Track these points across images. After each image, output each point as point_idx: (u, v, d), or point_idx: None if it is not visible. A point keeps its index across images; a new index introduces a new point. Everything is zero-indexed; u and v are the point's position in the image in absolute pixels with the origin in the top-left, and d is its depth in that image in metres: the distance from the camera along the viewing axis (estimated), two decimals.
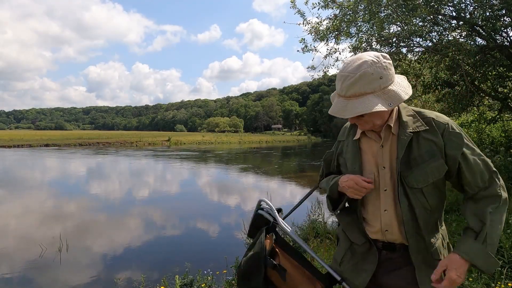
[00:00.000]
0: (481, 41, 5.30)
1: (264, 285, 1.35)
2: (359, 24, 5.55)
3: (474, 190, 1.16)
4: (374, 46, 5.67)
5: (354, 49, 5.81)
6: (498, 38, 5.15)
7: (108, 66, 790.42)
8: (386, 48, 5.73)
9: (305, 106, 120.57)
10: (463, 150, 1.15)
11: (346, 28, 5.68)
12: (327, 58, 6.26)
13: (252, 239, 1.56)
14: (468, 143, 1.17)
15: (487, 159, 1.16)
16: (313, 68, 6.55)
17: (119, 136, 51.18)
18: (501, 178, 1.16)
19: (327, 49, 6.19)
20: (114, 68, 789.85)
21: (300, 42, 5.98)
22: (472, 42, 5.24)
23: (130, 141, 41.26)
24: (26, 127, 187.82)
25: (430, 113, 1.22)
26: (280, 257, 1.42)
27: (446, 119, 1.20)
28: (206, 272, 3.80)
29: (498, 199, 1.13)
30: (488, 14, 4.62)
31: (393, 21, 5.12)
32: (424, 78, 6.30)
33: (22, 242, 5.83)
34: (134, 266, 4.81)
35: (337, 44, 6.05)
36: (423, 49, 5.54)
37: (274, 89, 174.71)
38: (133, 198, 9.81)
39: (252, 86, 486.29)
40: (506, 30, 5.09)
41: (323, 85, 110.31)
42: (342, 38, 5.88)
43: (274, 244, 1.47)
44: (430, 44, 5.32)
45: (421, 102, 12.24)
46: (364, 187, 1.20)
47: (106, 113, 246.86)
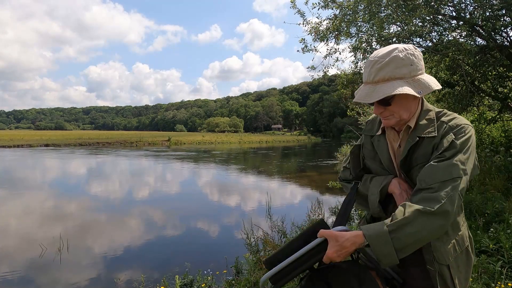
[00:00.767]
0: (481, 41, 5.31)
1: None
2: (359, 24, 5.55)
3: (421, 185, 1.09)
4: (374, 46, 5.67)
5: (354, 49, 5.82)
6: (498, 38, 5.15)
7: (108, 66, 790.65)
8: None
9: (305, 106, 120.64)
10: (444, 150, 1.11)
11: (346, 28, 5.68)
12: (327, 58, 6.27)
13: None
14: (456, 145, 1.11)
15: (460, 165, 1.08)
16: (313, 68, 6.56)
17: (119, 136, 51.18)
18: (457, 190, 1.06)
19: (327, 49, 6.20)
20: (114, 68, 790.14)
21: (300, 42, 5.98)
22: (472, 42, 5.24)
23: (130, 141, 41.26)
24: (26, 127, 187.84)
25: (452, 115, 1.19)
26: None
27: (461, 123, 1.16)
28: (206, 272, 3.80)
29: (435, 205, 1.03)
30: (488, 14, 4.62)
31: (393, 21, 5.12)
32: None
33: (22, 242, 5.83)
34: (134, 266, 4.81)
35: (337, 44, 6.06)
36: (423, 49, 5.54)
37: (274, 89, 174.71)
38: (133, 198, 9.82)
39: (252, 86, 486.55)
40: (506, 30, 5.09)
41: (323, 85, 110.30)
42: (342, 38, 5.89)
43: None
44: (430, 44, 5.33)
45: None
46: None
47: (106, 113, 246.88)
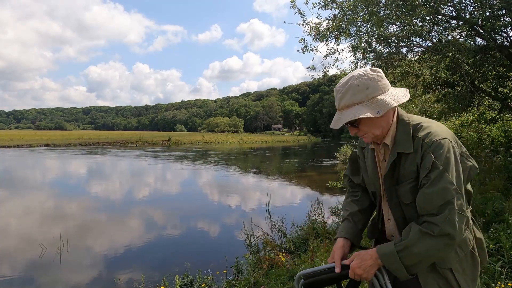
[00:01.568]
0: (481, 41, 5.31)
1: None
2: (359, 24, 5.55)
3: (422, 212, 1.17)
4: (373, 46, 5.68)
5: (354, 49, 5.82)
6: (498, 38, 5.15)
7: (108, 66, 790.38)
8: (386, 48, 5.74)
9: (305, 106, 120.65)
10: (429, 172, 1.15)
11: (346, 28, 5.68)
12: (327, 58, 6.26)
13: None
14: (438, 165, 1.14)
15: (449, 186, 1.12)
16: (313, 68, 6.55)
17: (119, 136, 51.18)
18: (455, 210, 1.11)
19: (327, 49, 6.19)
20: (114, 68, 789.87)
21: (300, 42, 5.98)
22: (472, 42, 5.24)
23: (130, 141, 41.26)
24: (26, 127, 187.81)
25: (427, 129, 1.22)
26: None
27: (436, 138, 1.18)
28: (206, 272, 3.80)
29: (435, 229, 1.11)
30: (488, 14, 4.62)
31: (392, 21, 5.12)
32: (424, 78, 6.30)
33: (23, 242, 5.83)
34: (134, 266, 4.81)
35: (337, 44, 6.05)
36: (423, 49, 5.54)
37: (274, 89, 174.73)
38: (133, 198, 9.82)
39: (252, 86, 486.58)
40: (506, 30, 5.09)
41: (323, 85, 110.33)
42: (342, 38, 5.88)
43: None
44: (430, 44, 5.33)
45: (421, 102, 12.25)
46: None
47: (106, 113, 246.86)
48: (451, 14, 5.20)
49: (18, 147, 31.49)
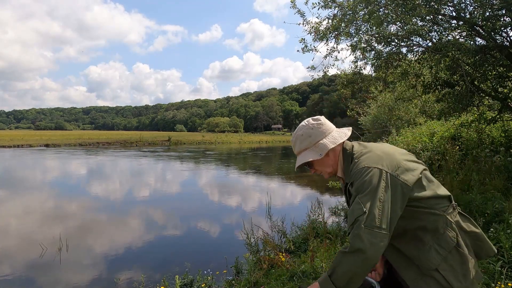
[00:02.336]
0: (481, 41, 5.30)
1: None
2: (359, 24, 5.55)
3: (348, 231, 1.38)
4: (374, 46, 5.67)
5: (354, 48, 5.82)
6: (498, 38, 5.15)
7: (109, 66, 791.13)
8: (386, 47, 5.74)
9: (305, 106, 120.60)
10: (354, 195, 1.32)
11: (345, 27, 5.68)
12: (327, 58, 6.26)
13: None
14: (355, 191, 1.31)
15: (357, 207, 1.27)
16: (313, 68, 6.55)
17: (119, 136, 51.16)
18: (362, 227, 1.23)
19: (327, 49, 6.20)
20: (114, 68, 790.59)
21: (300, 42, 5.98)
22: (472, 42, 5.24)
23: (130, 141, 41.25)
24: (26, 127, 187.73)
25: (359, 160, 1.38)
26: None
27: (359, 167, 1.34)
28: (206, 272, 3.80)
29: (349, 247, 1.25)
30: (488, 14, 4.62)
31: (392, 20, 5.12)
32: (424, 78, 6.30)
33: (23, 242, 5.83)
34: (134, 266, 4.81)
35: (337, 44, 6.05)
36: (423, 49, 5.54)
37: (274, 89, 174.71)
38: (133, 198, 9.82)
39: (252, 86, 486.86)
40: (506, 30, 5.08)
41: (323, 85, 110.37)
42: (342, 38, 5.88)
43: None
44: (430, 44, 5.32)
45: (421, 102, 12.26)
46: None
47: (106, 113, 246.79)
48: (451, 14, 5.20)
49: (18, 147, 31.48)
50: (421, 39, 5.45)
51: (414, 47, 5.71)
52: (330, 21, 5.77)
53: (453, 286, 1.29)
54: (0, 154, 24.13)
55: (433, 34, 5.28)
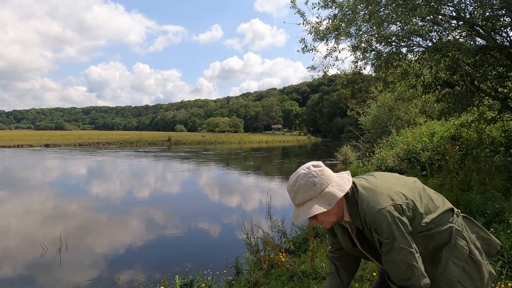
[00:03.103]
0: (481, 41, 5.30)
1: None
2: (359, 24, 5.55)
3: (395, 279, 1.35)
4: (374, 46, 5.67)
5: (354, 48, 5.81)
6: (498, 38, 5.14)
7: (109, 66, 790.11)
8: (386, 47, 5.73)
9: (305, 106, 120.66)
10: (381, 247, 1.31)
11: (345, 28, 5.68)
12: (327, 58, 6.26)
13: None
14: (384, 240, 1.28)
15: (403, 252, 1.27)
16: (313, 68, 6.55)
17: (119, 136, 51.14)
18: (417, 267, 1.29)
19: (327, 49, 6.19)
20: (115, 68, 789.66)
21: (300, 42, 5.98)
22: (472, 42, 5.24)
23: (130, 141, 41.23)
24: (26, 127, 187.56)
25: (364, 202, 1.33)
26: None
27: (371, 213, 1.29)
28: (206, 272, 3.80)
29: (418, 285, 1.30)
30: (488, 14, 4.61)
31: (392, 21, 5.12)
32: (424, 78, 6.29)
33: (23, 242, 5.83)
34: (134, 266, 4.81)
35: (337, 44, 6.05)
36: (423, 49, 5.54)
37: (274, 89, 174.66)
38: (133, 198, 9.81)
39: (252, 86, 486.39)
40: (506, 30, 5.08)
41: (323, 85, 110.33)
42: (342, 38, 5.88)
43: None
44: (430, 44, 5.32)
45: (421, 102, 12.25)
46: None
47: (106, 113, 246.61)
48: (451, 14, 5.20)
49: (18, 147, 31.48)
50: (421, 39, 5.45)
51: (414, 47, 5.70)
52: (330, 21, 5.77)
53: None
54: (0, 154, 24.12)
55: (433, 34, 5.28)
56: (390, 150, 9.31)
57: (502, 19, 4.70)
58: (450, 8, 5.16)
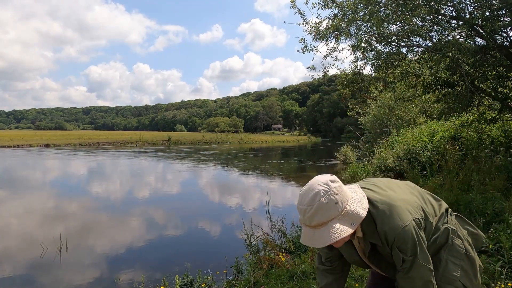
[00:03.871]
0: (481, 41, 5.30)
1: None
2: (359, 23, 5.55)
3: None
4: (374, 46, 5.67)
5: (354, 48, 5.81)
6: (498, 38, 5.15)
7: (109, 66, 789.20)
8: (386, 47, 5.74)
9: (305, 106, 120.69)
10: (403, 263, 1.28)
11: (345, 27, 5.68)
12: (327, 58, 6.26)
13: None
14: (407, 257, 1.26)
15: (423, 269, 1.26)
16: (313, 68, 6.54)
17: (119, 136, 51.13)
18: (433, 284, 1.29)
19: (327, 49, 6.19)
20: (115, 68, 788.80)
21: (300, 42, 5.98)
22: (472, 42, 5.24)
23: (130, 141, 41.24)
24: (26, 127, 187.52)
25: (385, 219, 1.26)
26: None
27: (396, 231, 1.24)
28: (206, 272, 3.80)
29: None
30: (487, 14, 4.62)
31: (392, 20, 5.12)
32: (424, 78, 6.29)
33: (23, 242, 5.83)
34: (134, 266, 4.81)
35: (337, 44, 6.05)
36: (423, 49, 5.54)
37: (274, 89, 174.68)
38: (133, 198, 9.82)
39: (252, 86, 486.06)
40: (506, 30, 5.08)
41: (323, 85, 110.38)
42: (342, 38, 5.88)
43: None
44: (430, 44, 5.32)
45: (421, 102, 12.25)
46: None
47: (106, 113, 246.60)
48: (451, 14, 5.20)
49: (18, 147, 31.48)
50: (421, 39, 5.45)
51: (414, 47, 5.71)
52: (330, 21, 5.77)
53: None
54: (0, 154, 24.12)
55: (433, 34, 5.28)
56: (390, 150, 9.31)
57: (502, 19, 4.70)
58: (450, 8, 5.16)
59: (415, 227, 1.25)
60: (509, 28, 4.97)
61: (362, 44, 5.59)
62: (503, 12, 4.69)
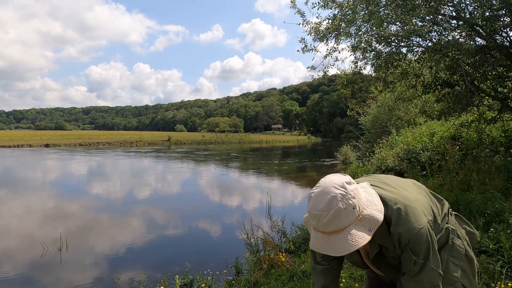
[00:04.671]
0: (481, 41, 5.30)
1: None
2: (359, 24, 5.55)
3: None
4: (374, 46, 5.67)
5: (354, 48, 5.81)
6: (498, 38, 5.15)
7: (109, 66, 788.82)
8: (386, 47, 5.74)
9: (305, 106, 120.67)
10: (414, 265, 1.24)
11: (345, 28, 5.68)
12: (327, 58, 6.26)
13: None
14: (419, 259, 1.22)
15: (433, 273, 1.24)
16: (313, 68, 6.55)
17: (119, 136, 51.12)
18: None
19: (327, 49, 6.19)
20: (115, 68, 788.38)
21: (300, 42, 5.98)
22: (472, 42, 5.24)
23: (130, 141, 41.24)
24: (26, 127, 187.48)
25: (399, 221, 1.20)
26: None
27: (411, 233, 1.19)
28: (206, 272, 3.80)
29: None
30: (487, 14, 4.62)
31: (392, 21, 5.12)
32: (424, 78, 6.30)
33: (23, 242, 5.83)
34: (134, 266, 4.81)
35: (337, 44, 6.05)
36: (423, 49, 5.54)
37: (274, 89, 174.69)
38: (133, 198, 9.82)
39: (253, 86, 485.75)
40: (506, 30, 5.08)
41: (323, 85, 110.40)
42: (342, 38, 5.88)
43: None
44: (430, 44, 5.32)
45: (421, 102, 12.25)
46: None
47: (106, 113, 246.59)
48: (451, 14, 5.20)
49: (18, 147, 31.48)
50: (421, 39, 5.45)
51: (414, 47, 5.70)
52: (330, 21, 5.77)
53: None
54: (0, 154, 24.13)
55: (433, 34, 5.28)
56: (390, 150, 9.30)
57: (502, 19, 4.70)
58: (450, 8, 5.17)
59: (430, 229, 1.22)
60: (509, 28, 4.97)
61: (362, 44, 5.59)
62: (503, 12, 4.69)
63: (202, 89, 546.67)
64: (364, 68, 6.42)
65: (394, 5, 4.82)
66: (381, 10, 5.08)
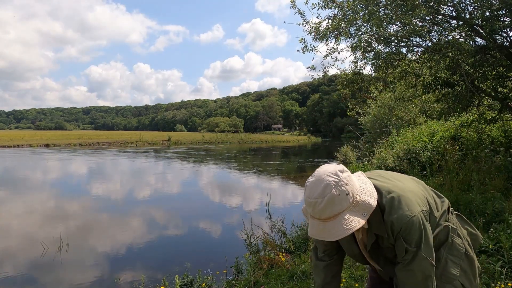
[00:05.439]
0: (481, 41, 5.31)
1: None
2: (359, 24, 5.55)
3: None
4: (373, 46, 5.67)
5: (354, 48, 5.81)
6: (498, 38, 5.15)
7: (109, 66, 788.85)
8: (386, 48, 5.74)
9: (305, 106, 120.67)
10: (405, 254, 1.26)
11: (345, 28, 5.68)
12: (327, 58, 6.26)
13: None
14: (411, 248, 1.23)
15: (425, 263, 1.24)
16: (313, 68, 6.55)
17: (119, 136, 51.12)
18: (432, 279, 1.28)
19: (327, 49, 6.19)
20: (115, 68, 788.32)
21: (300, 42, 5.98)
22: (472, 42, 5.24)
23: (130, 141, 41.24)
24: (26, 127, 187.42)
25: (393, 209, 1.23)
26: None
27: (403, 220, 1.21)
28: (206, 272, 3.80)
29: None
30: (487, 14, 4.62)
31: (392, 21, 5.12)
32: (424, 78, 6.30)
33: (24, 241, 5.83)
34: (134, 266, 4.81)
35: (337, 44, 6.05)
36: (423, 49, 5.54)
37: (274, 89, 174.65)
38: (133, 198, 9.82)
39: (253, 86, 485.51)
40: (506, 30, 5.08)
41: (323, 85, 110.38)
42: (342, 38, 5.88)
43: None
44: (430, 44, 5.32)
45: (421, 102, 12.25)
46: None
47: (106, 113, 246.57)
48: (451, 14, 5.20)
49: (18, 147, 31.49)
50: (421, 39, 5.45)
51: (414, 47, 5.71)
52: (330, 21, 5.77)
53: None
54: (0, 154, 24.13)
55: (433, 34, 5.28)
56: (390, 150, 9.30)
57: (501, 19, 4.70)
58: (450, 8, 5.17)
59: (423, 219, 1.23)
60: (509, 28, 4.97)
61: (362, 44, 5.59)
62: (503, 12, 4.69)
63: (202, 89, 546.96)
64: (364, 68, 6.42)
65: (394, 5, 4.82)
66: (381, 10, 5.08)
